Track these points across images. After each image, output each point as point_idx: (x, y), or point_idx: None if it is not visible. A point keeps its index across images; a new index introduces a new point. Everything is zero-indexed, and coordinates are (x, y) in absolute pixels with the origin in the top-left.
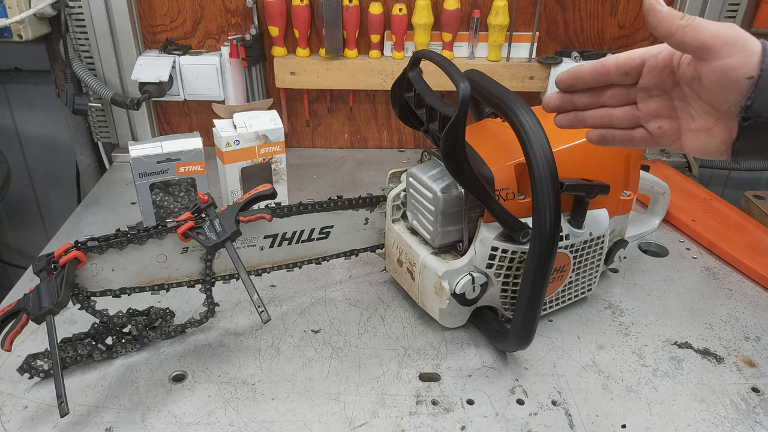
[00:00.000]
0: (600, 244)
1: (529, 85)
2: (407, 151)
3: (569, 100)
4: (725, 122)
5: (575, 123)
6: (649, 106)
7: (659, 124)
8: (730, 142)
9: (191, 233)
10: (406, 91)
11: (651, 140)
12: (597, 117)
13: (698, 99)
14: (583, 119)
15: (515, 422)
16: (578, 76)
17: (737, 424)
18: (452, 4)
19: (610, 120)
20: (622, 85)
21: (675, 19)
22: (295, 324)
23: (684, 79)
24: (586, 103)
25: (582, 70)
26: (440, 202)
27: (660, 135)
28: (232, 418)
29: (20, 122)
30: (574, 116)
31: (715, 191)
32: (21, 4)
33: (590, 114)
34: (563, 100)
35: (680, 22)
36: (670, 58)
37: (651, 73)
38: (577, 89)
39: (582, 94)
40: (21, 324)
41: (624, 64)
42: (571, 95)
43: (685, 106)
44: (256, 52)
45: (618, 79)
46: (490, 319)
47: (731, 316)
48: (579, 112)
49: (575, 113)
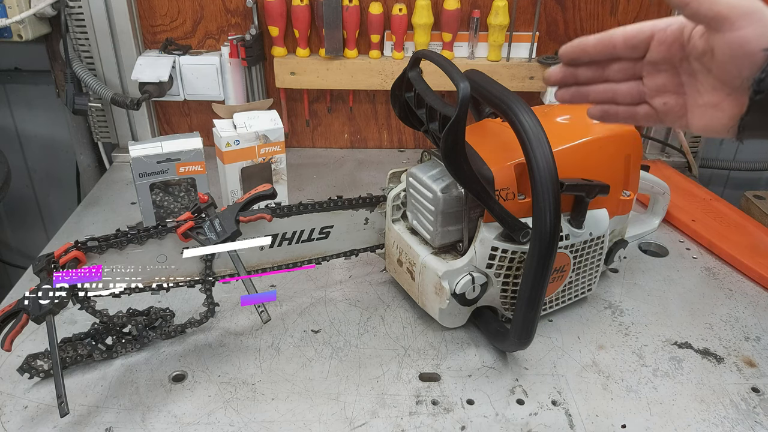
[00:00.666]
0: (600, 244)
1: (529, 85)
2: (407, 151)
3: (572, 74)
4: (735, 97)
5: (577, 98)
6: (655, 81)
7: (665, 99)
8: (737, 119)
9: (191, 233)
10: (406, 91)
11: (655, 117)
12: (600, 92)
13: (708, 73)
14: (586, 94)
15: (515, 422)
16: (582, 48)
17: (737, 424)
18: (452, 4)
19: (614, 95)
20: (629, 59)
21: None
22: (295, 324)
23: (694, 52)
24: (589, 77)
25: (587, 42)
26: (440, 202)
27: (665, 111)
28: (232, 418)
29: (20, 122)
30: (576, 91)
31: (715, 191)
32: (21, 4)
33: (593, 89)
34: (566, 73)
35: None
36: (681, 31)
37: (660, 47)
38: (581, 62)
39: (585, 68)
40: (21, 324)
41: (632, 37)
42: (574, 69)
43: (692, 81)
44: (256, 52)
45: (625, 52)
46: (490, 319)
47: (731, 316)
48: (582, 86)
49: (577, 88)
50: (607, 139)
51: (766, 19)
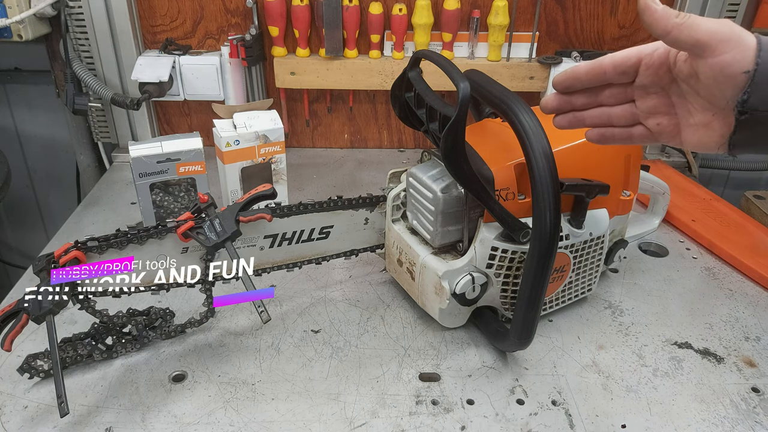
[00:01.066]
0: (600, 244)
1: (529, 85)
2: (407, 151)
3: (567, 101)
4: (723, 116)
5: (574, 123)
6: (646, 103)
7: (658, 120)
8: (727, 137)
9: (191, 233)
10: (406, 91)
11: (650, 137)
12: (596, 116)
13: (696, 95)
14: (582, 119)
15: (515, 422)
16: (575, 77)
17: (737, 424)
18: (452, 4)
19: (609, 118)
20: (620, 84)
21: (670, 17)
22: (295, 324)
23: (681, 75)
24: (584, 103)
25: (579, 70)
26: (440, 202)
27: (659, 131)
28: (232, 418)
29: (20, 122)
30: (573, 116)
31: (715, 191)
32: (21, 4)
33: (589, 114)
34: (561, 101)
35: (675, 20)
36: (666, 55)
37: (648, 71)
38: (575, 90)
39: (580, 95)
40: (21, 324)
41: (620, 63)
42: (569, 96)
43: (682, 102)
44: (256, 52)
45: (615, 78)
46: (490, 319)
47: (731, 316)
48: (578, 112)
49: (574, 114)
50: None
51: (744, 43)
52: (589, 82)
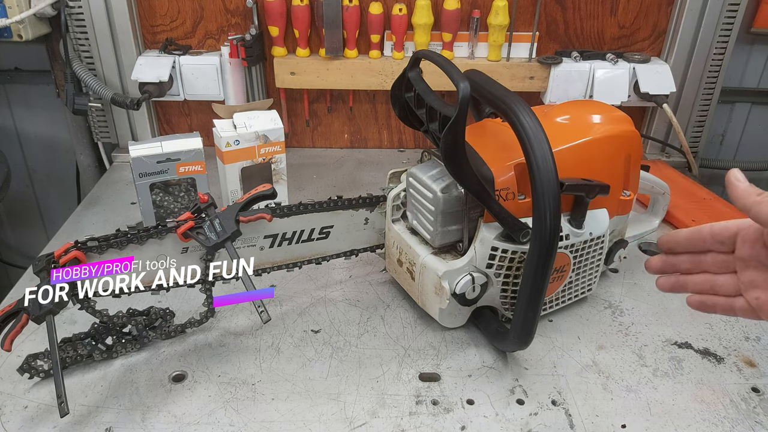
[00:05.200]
0: (600, 244)
1: (529, 85)
2: (407, 151)
3: (671, 263)
4: None
5: (677, 288)
6: (746, 276)
7: (756, 294)
8: None
9: (191, 233)
10: (406, 91)
11: (751, 312)
12: (699, 282)
13: None
14: (685, 284)
15: (515, 422)
16: (676, 240)
17: (737, 424)
18: (452, 4)
19: (712, 286)
20: (722, 252)
21: (752, 195)
22: (295, 324)
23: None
24: (688, 267)
25: (679, 234)
26: (440, 202)
27: (758, 306)
28: (232, 418)
29: (20, 122)
30: (676, 280)
31: (715, 191)
32: (21, 4)
33: (692, 279)
34: (665, 262)
35: (756, 198)
36: (761, 230)
37: (744, 244)
38: (677, 252)
39: (684, 257)
40: (21, 324)
41: (718, 233)
42: (673, 257)
43: None
44: (256, 52)
45: (714, 246)
46: (490, 319)
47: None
48: (681, 276)
49: (677, 277)
50: (607, 139)
51: None
52: (690, 246)
